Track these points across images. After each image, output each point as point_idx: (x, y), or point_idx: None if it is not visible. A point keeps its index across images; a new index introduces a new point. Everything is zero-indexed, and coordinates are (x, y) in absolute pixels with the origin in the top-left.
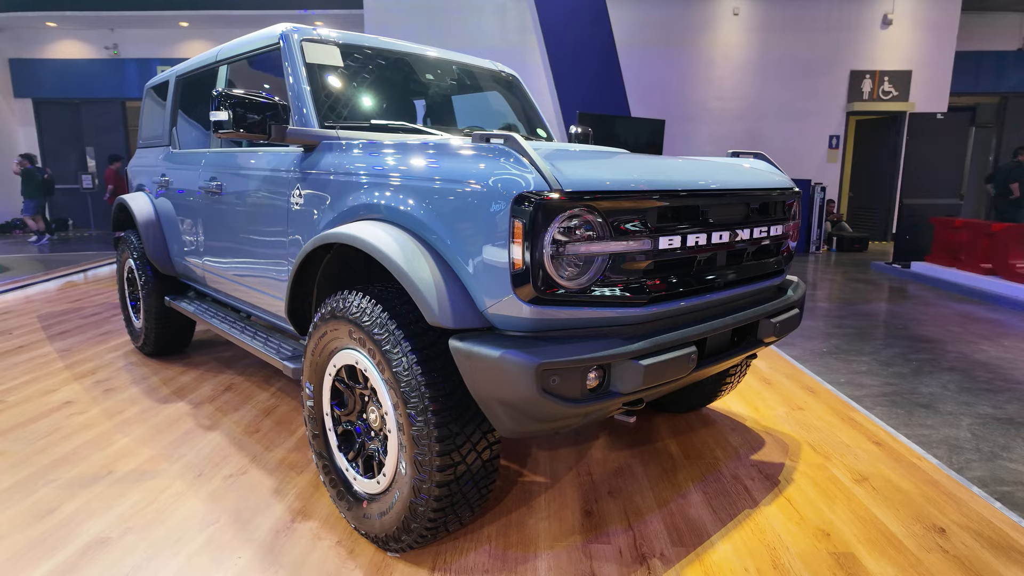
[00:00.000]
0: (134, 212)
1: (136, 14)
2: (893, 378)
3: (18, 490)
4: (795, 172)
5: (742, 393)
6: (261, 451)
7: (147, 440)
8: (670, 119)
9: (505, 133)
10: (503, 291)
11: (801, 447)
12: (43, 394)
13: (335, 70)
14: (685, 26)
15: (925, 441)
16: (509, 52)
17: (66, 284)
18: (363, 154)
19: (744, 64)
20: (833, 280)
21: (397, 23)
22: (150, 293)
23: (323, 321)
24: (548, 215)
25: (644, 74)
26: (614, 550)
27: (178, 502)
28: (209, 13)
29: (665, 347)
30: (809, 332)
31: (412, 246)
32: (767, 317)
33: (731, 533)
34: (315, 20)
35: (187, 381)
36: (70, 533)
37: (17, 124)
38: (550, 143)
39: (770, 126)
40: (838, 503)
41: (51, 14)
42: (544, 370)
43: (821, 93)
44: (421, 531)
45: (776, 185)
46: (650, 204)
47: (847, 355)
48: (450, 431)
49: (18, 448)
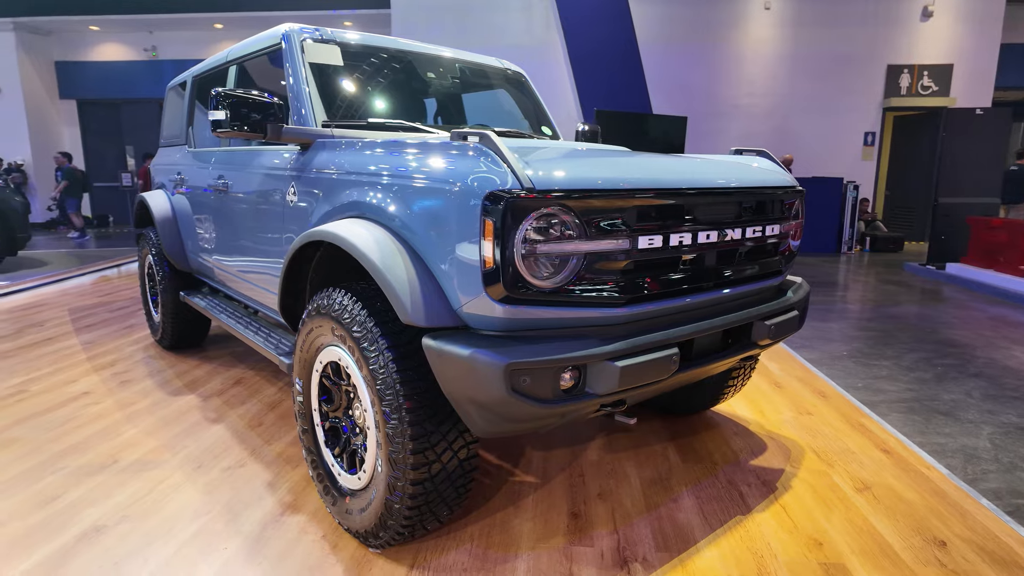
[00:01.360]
0: (152, 209)
1: (173, 16)
2: (914, 383)
3: (26, 477)
4: (827, 170)
5: (749, 396)
6: (261, 445)
7: (154, 431)
8: (698, 116)
9: (481, 132)
10: (475, 290)
11: (804, 453)
12: (63, 384)
13: (336, 69)
14: (714, 22)
15: (940, 450)
16: (534, 50)
17: (100, 279)
18: (350, 153)
19: (775, 59)
20: (863, 281)
21: (423, 22)
22: (167, 288)
23: (310, 318)
24: (518, 214)
25: (671, 71)
26: (596, 553)
27: (175, 492)
28: (242, 15)
29: (644, 348)
30: (830, 335)
31: (390, 244)
32: (762, 319)
33: (719, 539)
34: (344, 21)
35: (200, 375)
36: (69, 520)
37: (63, 124)
38: (540, 141)
39: (801, 122)
40: (835, 512)
41: (94, 18)
42: (513, 370)
43: (856, 88)
44: (398, 528)
45: (775, 184)
46: (628, 203)
47: (868, 359)
48: (424, 429)
49: (33, 436)
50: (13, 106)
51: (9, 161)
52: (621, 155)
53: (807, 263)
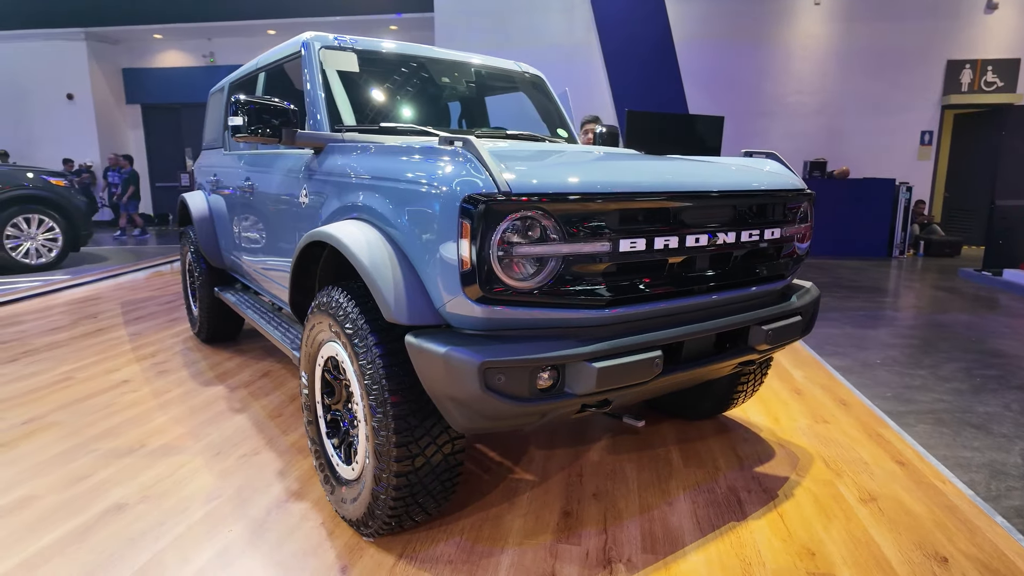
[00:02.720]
0: (190, 208)
1: (230, 24)
2: (948, 394)
3: (63, 457)
4: (880, 170)
5: (766, 402)
6: (278, 435)
7: (182, 419)
8: (742, 115)
9: (464, 136)
10: (455, 290)
11: (813, 462)
12: (106, 373)
13: (352, 76)
14: (761, 18)
15: (964, 464)
16: (575, 50)
17: (153, 274)
18: (351, 156)
19: (825, 56)
20: (911, 287)
21: (464, 24)
22: (203, 284)
23: (312, 314)
24: (494, 216)
25: (714, 69)
26: (581, 552)
27: (193, 477)
28: (293, 21)
29: (624, 351)
30: (866, 342)
31: (380, 245)
32: (759, 324)
33: (708, 544)
34: (390, 25)
35: (231, 367)
36: (95, 498)
37: (128, 128)
38: (541, 145)
39: (853, 121)
40: (835, 522)
41: (158, 26)
42: (488, 368)
43: (912, 85)
44: (384, 519)
45: (776, 187)
46: (607, 206)
47: (902, 367)
48: (408, 424)
49: (73, 420)
50: (84, 111)
51: (80, 163)
52: (614, 158)
53: (852, 267)
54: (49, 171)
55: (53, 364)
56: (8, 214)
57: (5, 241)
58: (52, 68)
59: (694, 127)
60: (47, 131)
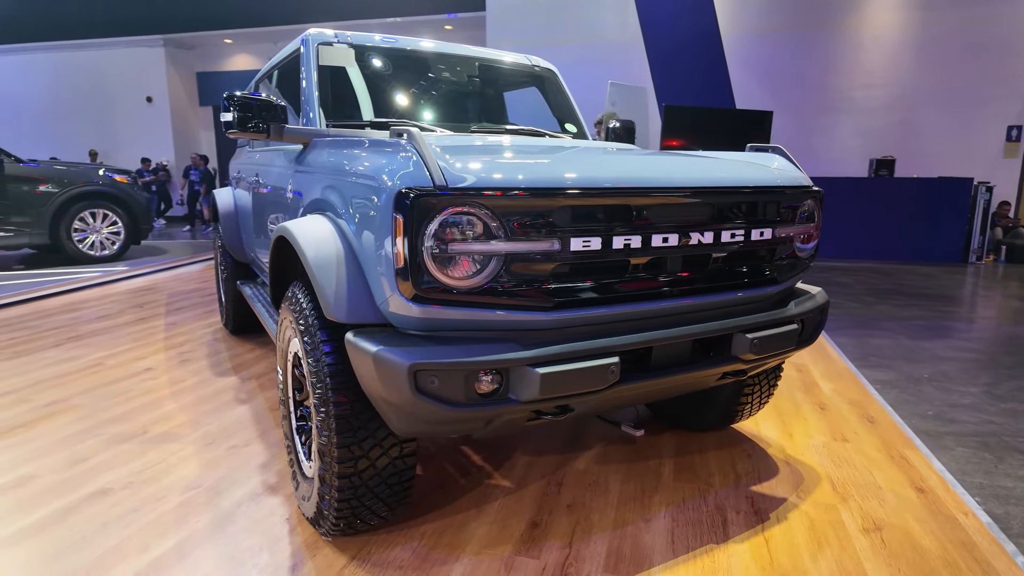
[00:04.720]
0: (218, 204)
1: (293, 27)
2: (1001, 415)
3: (71, 439)
4: (957, 169)
5: (784, 415)
6: (271, 427)
7: (188, 408)
8: (805, 111)
9: (408, 128)
10: (393, 287)
11: (819, 483)
12: (133, 360)
13: (348, 72)
14: (826, 8)
15: (1001, 495)
16: (628, 45)
17: (206, 267)
18: (326, 151)
19: (898, 47)
20: (984, 295)
21: (516, 22)
22: (228, 277)
23: (281, 310)
24: (425, 211)
25: (773, 63)
26: (539, 566)
27: (180, 465)
28: (351, 23)
29: (573, 356)
30: (918, 354)
31: (331, 240)
32: (742, 331)
33: (677, 567)
34: (444, 25)
35: (249, 358)
36: (86, 481)
37: (201, 129)
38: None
39: (928, 116)
40: (827, 552)
41: (229, 32)
42: (418, 370)
43: (997, 76)
44: (332, 520)
45: (772, 183)
46: (556, 203)
47: (953, 383)
48: (349, 424)
49: (91, 403)
50: (161, 113)
51: (156, 161)
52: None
53: (921, 273)
54: (115, 168)
55: (90, 350)
56: (77, 208)
57: (73, 234)
58: (134, 73)
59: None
60: (128, 132)
